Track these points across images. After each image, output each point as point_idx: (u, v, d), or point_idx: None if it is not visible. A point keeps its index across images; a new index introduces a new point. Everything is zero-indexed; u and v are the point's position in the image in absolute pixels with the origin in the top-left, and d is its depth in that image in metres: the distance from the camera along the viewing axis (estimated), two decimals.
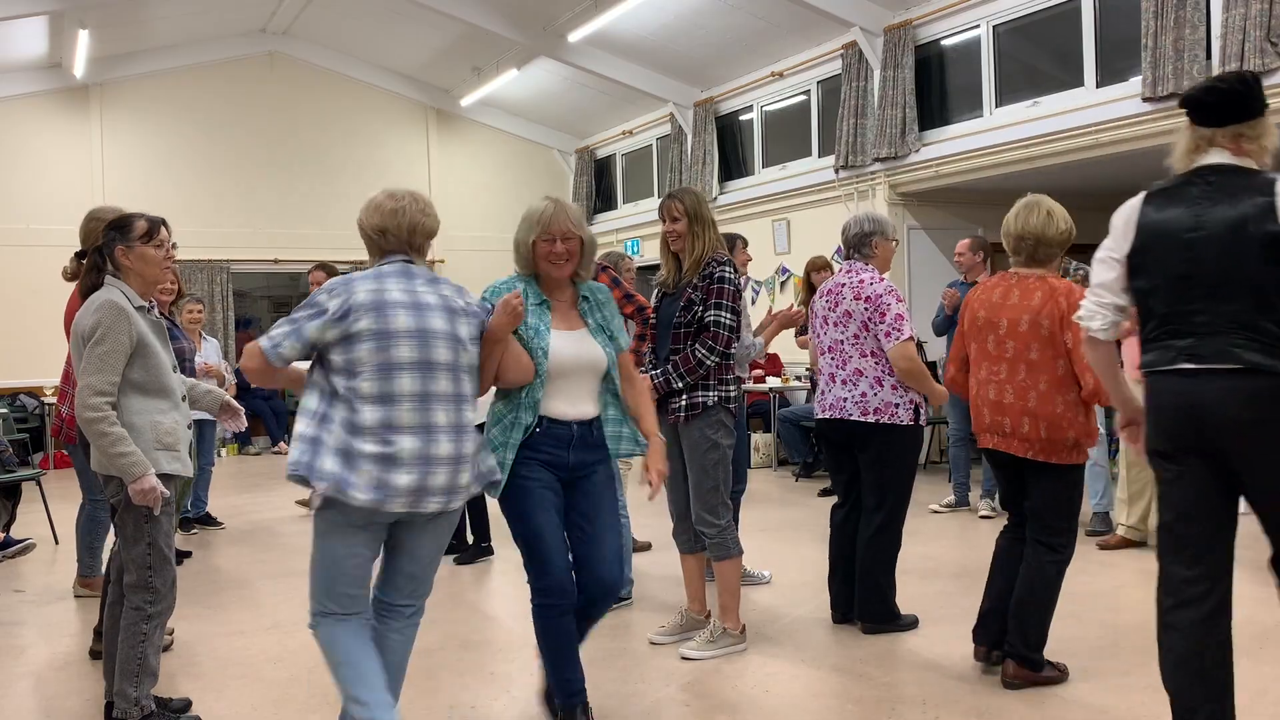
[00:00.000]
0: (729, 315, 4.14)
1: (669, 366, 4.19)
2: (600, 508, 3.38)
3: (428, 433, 2.90)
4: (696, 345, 4.13)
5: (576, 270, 3.35)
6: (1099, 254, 2.97)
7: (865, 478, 4.53)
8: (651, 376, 4.20)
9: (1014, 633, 3.78)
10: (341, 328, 2.88)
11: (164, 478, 3.46)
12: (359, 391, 2.87)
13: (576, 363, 3.29)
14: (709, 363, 4.14)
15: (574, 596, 3.29)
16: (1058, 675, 3.82)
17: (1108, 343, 2.98)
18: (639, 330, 5.11)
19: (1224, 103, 2.78)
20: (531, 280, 3.36)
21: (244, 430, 4.21)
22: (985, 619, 3.97)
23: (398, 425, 2.87)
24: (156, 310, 3.70)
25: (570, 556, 3.33)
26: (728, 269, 4.17)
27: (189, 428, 3.64)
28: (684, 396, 4.19)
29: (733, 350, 4.20)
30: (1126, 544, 5.98)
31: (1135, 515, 5.98)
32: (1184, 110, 2.86)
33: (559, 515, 3.30)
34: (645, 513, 6.96)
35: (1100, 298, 2.93)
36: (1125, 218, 2.91)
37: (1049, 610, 3.79)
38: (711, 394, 4.19)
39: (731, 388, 4.26)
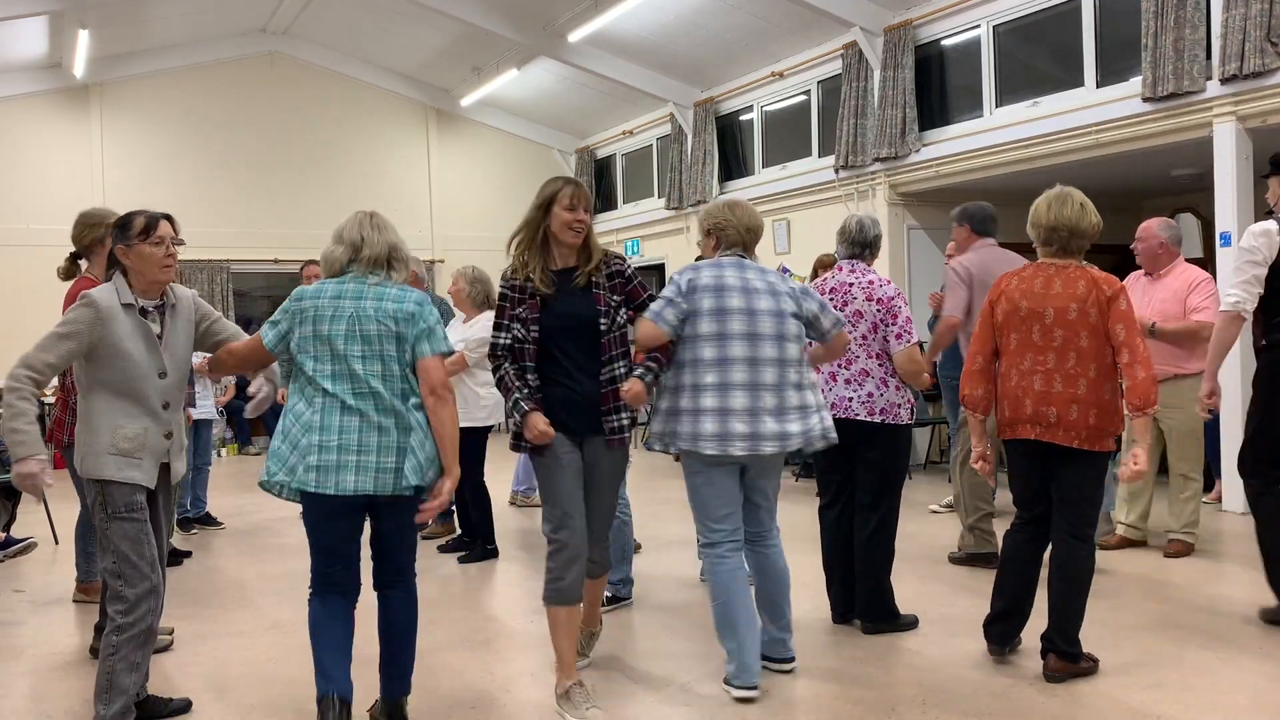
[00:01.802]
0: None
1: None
2: None
3: (755, 390, 3.72)
4: None
5: None
6: (1254, 257, 4.39)
7: (864, 477, 4.53)
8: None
9: (1054, 629, 3.83)
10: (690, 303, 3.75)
11: (123, 485, 3.40)
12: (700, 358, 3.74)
13: None
14: None
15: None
16: (1092, 665, 3.88)
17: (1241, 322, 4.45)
18: None
19: None
20: None
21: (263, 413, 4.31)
22: (1000, 620, 3.99)
23: (733, 384, 3.72)
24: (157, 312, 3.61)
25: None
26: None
27: (168, 436, 3.52)
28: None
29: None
30: (1127, 543, 5.99)
31: (1135, 514, 5.99)
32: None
33: None
34: (636, 518, 7.00)
35: (1251, 288, 4.40)
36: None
37: (1085, 600, 3.85)
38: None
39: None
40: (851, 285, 4.53)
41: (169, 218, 3.62)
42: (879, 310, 4.44)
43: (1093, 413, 3.74)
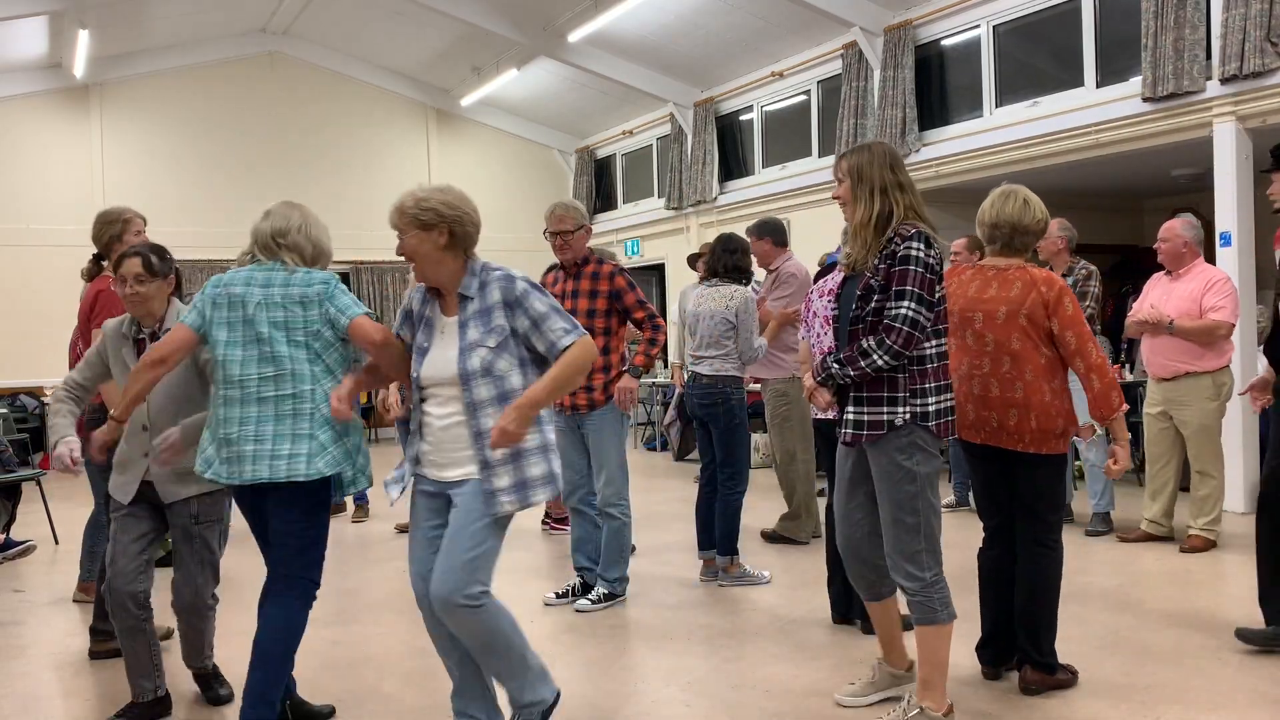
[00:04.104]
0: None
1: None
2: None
3: None
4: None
5: None
6: None
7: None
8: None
9: (1026, 640, 3.75)
10: None
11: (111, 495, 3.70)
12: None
13: None
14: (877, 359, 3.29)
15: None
16: (1070, 677, 3.81)
17: None
18: (649, 334, 5.08)
19: None
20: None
21: None
22: (989, 641, 3.90)
23: None
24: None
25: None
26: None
27: (145, 455, 3.64)
28: (856, 412, 3.39)
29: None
30: (1149, 538, 6.09)
31: (1158, 510, 6.08)
32: None
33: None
34: (635, 518, 6.98)
35: None
36: None
37: (1055, 608, 3.78)
38: (901, 410, 3.31)
39: (931, 401, 3.32)
40: None
41: (144, 254, 3.68)
42: None
43: (1033, 416, 3.62)
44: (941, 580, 3.37)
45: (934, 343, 3.32)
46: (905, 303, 3.22)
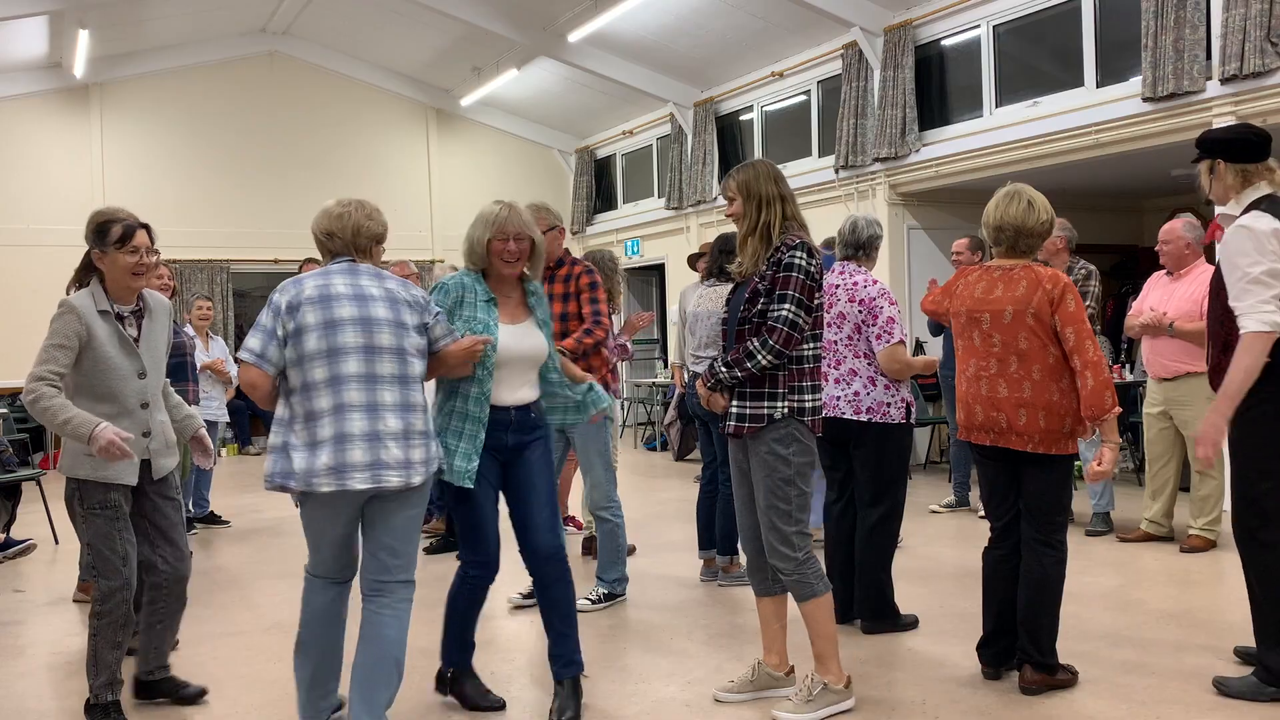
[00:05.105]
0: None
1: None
2: (534, 482, 3.65)
3: (375, 411, 3.16)
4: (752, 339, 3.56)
5: (524, 269, 3.63)
6: (1267, 267, 3.49)
7: (860, 475, 4.55)
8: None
9: (1026, 640, 3.75)
10: (294, 321, 3.16)
11: (98, 484, 3.53)
12: (311, 381, 3.15)
13: (519, 354, 3.58)
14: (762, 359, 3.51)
15: (496, 571, 3.73)
16: (1070, 677, 3.81)
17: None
18: (587, 325, 5.02)
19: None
20: (480, 277, 3.61)
21: (213, 465, 4.16)
22: (991, 640, 3.90)
23: (348, 405, 3.13)
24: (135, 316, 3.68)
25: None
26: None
27: (146, 434, 3.64)
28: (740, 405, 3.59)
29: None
30: (1149, 538, 6.10)
31: (1157, 509, 6.08)
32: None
33: (495, 495, 3.63)
34: (635, 518, 7.00)
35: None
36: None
37: (1057, 609, 3.78)
38: (781, 405, 3.55)
39: (808, 398, 3.58)
40: (838, 287, 4.56)
41: (146, 227, 3.69)
42: (861, 311, 4.46)
43: (1042, 415, 3.64)
44: (812, 557, 3.60)
45: (811, 345, 3.57)
46: (786, 305, 3.48)
